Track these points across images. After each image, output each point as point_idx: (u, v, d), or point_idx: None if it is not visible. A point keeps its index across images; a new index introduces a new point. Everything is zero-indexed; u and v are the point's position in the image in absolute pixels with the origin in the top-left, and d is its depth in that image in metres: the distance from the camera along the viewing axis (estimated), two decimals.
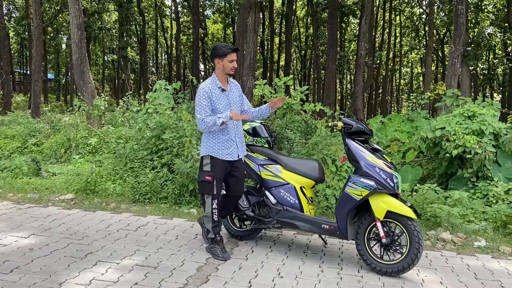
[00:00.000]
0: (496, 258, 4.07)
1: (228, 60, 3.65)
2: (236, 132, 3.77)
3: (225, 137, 3.69)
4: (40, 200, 5.70)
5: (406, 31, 33.02)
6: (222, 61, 3.66)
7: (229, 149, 3.70)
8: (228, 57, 3.65)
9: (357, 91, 16.82)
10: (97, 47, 36.00)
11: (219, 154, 3.67)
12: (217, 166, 3.68)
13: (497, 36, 22.57)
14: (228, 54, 3.64)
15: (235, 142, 3.74)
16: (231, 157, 3.71)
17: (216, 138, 3.68)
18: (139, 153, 6.62)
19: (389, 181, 3.44)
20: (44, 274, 3.19)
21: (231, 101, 3.77)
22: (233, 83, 3.91)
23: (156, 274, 3.28)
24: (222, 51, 3.64)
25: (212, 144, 3.69)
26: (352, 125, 3.63)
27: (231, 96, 3.79)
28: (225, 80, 3.78)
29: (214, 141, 3.69)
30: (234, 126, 3.75)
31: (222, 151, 3.68)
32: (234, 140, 3.73)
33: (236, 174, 3.82)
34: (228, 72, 3.71)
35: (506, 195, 5.34)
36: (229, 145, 3.70)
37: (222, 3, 28.41)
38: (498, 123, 6.20)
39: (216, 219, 3.73)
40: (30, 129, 10.03)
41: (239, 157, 3.79)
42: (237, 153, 3.76)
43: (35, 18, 17.20)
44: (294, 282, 3.26)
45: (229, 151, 3.70)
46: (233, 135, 3.73)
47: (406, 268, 3.37)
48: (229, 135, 3.70)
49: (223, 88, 3.73)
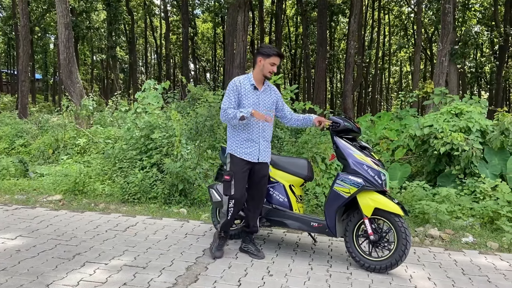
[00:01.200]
0: (483, 254, 4.12)
1: (270, 62, 3.61)
2: (261, 134, 3.68)
3: (246, 136, 3.63)
4: (28, 201, 5.64)
5: (395, 30, 33.23)
6: (264, 61, 3.62)
7: (249, 149, 3.63)
8: (272, 59, 3.61)
9: (347, 90, 16.88)
10: (86, 47, 35.65)
11: (237, 152, 3.63)
12: (237, 165, 3.61)
13: (484, 35, 22.84)
14: (272, 55, 3.61)
15: (257, 144, 3.65)
16: (250, 158, 3.62)
17: (237, 136, 3.65)
18: (128, 153, 6.58)
19: (377, 179, 3.46)
20: (31, 275, 3.15)
21: (261, 101, 3.68)
22: (271, 87, 3.84)
23: (145, 274, 3.26)
24: (268, 51, 3.62)
25: (232, 142, 3.67)
26: (340, 123, 3.64)
27: (263, 97, 3.70)
28: (261, 80, 3.72)
29: (236, 139, 3.66)
30: (260, 128, 3.66)
31: (241, 150, 3.62)
32: (257, 142, 3.65)
33: (257, 176, 3.70)
34: (265, 74, 3.65)
35: (493, 191, 5.41)
36: (249, 145, 3.63)
37: (211, 2, 28.32)
38: (485, 120, 6.28)
39: (229, 218, 3.66)
40: (17, 130, 9.92)
41: (259, 160, 3.66)
42: (257, 156, 3.65)
43: (22, 18, 16.97)
44: (283, 280, 3.27)
45: (249, 151, 3.62)
46: (256, 137, 3.65)
47: (394, 264, 3.40)
48: (251, 135, 3.63)
49: (256, 86, 3.67)
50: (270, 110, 3.75)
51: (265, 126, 3.71)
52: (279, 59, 3.64)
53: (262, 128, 3.68)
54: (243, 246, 3.87)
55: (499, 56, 22.63)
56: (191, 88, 8.82)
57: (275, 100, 3.82)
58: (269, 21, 32.69)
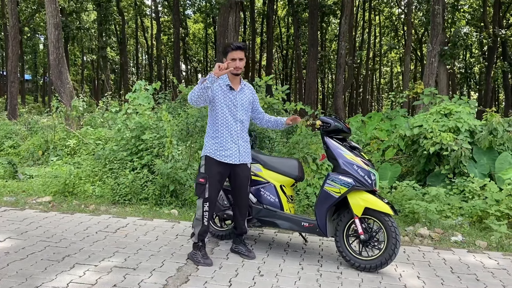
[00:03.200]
0: (471, 252, 4.17)
1: (230, 58, 3.43)
2: (240, 135, 3.58)
3: (224, 138, 3.52)
4: (17, 203, 5.58)
5: (386, 31, 33.48)
6: (226, 60, 3.46)
7: (228, 151, 3.51)
8: (230, 55, 3.44)
9: (338, 90, 16.96)
10: (76, 47, 35.38)
11: (216, 155, 3.51)
12: (212, 168, 3.50)
13: (473, 36, 23.08)
14: (229, 52, 3.43)
15: (237, 145, 3.55)
16: (231, 160, 3.52)
17: (216, 138, 3.53)
18: (118, 154, 6.54)
19: (367, 178, 3.48)
20: (20, 277, 3.13)
21: (238, 101, 3.58)
22: (247, 86, 3.73)
23: (135, 276, 3.25)
24: (225, 49, 3.47)
25: (210, 144, 3.55)
26: (330, 123, 3.66)
27: (240, 97, 3.60)
28: (236, 80, 3.59)
29: (213, 141, 3.54)
30: (238, 129, 3.57)
31: (220, 152, 3.50)
32: (236, 143, 3.55)
33: (239, 178, 3.62)
34: (232, 72, 3.46)
35: (481, 190, 5.47)
36: (228, 147, 3.51)
37: (203, 3, 28.28)
38: (473, 120, 6.35)
39: (205, 224, 3.52)
40: (6, 131, 9.82)
41: (240, 161, 3.57)
42: (238, 157, 3.55)
43: (11, 18, 16.80)
44: (274, 280, 3.27)
45: (228, 153, 3.51)
46: (236, 138, 3.55)
47: (384, 263, 3.42)
48: (231, 136, 3.53)
49: (232, 87, 3.56)
50: (247, 110, 3.67)
51: (243, 127, 3.62)
52: (238, 52, 3.43)
53: (240, 129, 3.59)
54: (234, 247, 3.87)
55: (488, 57, 22.90)
56: (182, 88, 8.80)
57: (251, 100, 3.74)
58: (260, 21, 32.74)
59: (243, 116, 3.61)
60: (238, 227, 3.81)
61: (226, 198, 4.10)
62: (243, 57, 3.49)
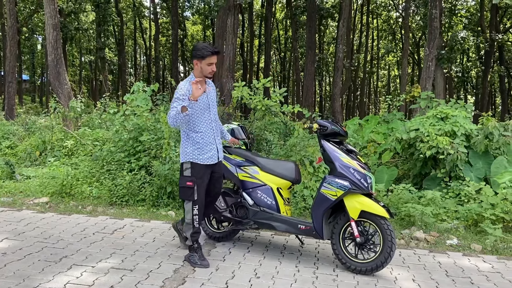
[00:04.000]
0: (466, 256, 4.20)
1: (207, 63, 3.51)
2: (216, 134, 3.70)
3: (204, 140, 3.59)
4: (14, 204, 5.58)
5: (383, 34, 33.61)
6: (201, 63, 3.52)
7: (210, 152, 3.61)
8: (207, 59, 3.50)
9: (335, 93, 17.02)
10: (74, 48, 35.36)
11: (199, 159, 3.57)
12: (199, 171, 3.57)
13: (470, 40, 23.20)
14: (207, 56, 3.49)
15: (215, 145, 3.66)
16: (212, 161, 3.63)
17: (195, 144, 3.57)
18: (116, 155, 6.55)
19: (363, 182, 3.51)
20: (17, 278, 3.14)
21: (209, 98, 3.67)
22: (211, 84, 3.79)
23: (132, 277, 3.27)
24: (201, 53, 3.49)
25: (191, 150, 3.59)
26: (327, 126, 3.69)
27: (210, 97, 3.70)
28: (203, 81, 3.60)
29: (194, 147, 3.58)
30: (213, 129, 3.67)
31: (203, 156, 3.58)
32: (214, 142, 3.65)
33: (215, 175, 3.75)
34: (207, 75, 3.57)
35: (477, 194, 5.51)
36: (209, 149, 3.61)
37: (201, 5, 28.33)
38: (470, 124, 6.38)
39: (196, 226, 3.59)
40: (3, 132, 9.80)
41: (219, 159, 3.72)
42: (217, 156, 3.68)
43: (9, 18, 16.80)
44: (270, 282, 3.30)
45: (210, 155, 3.61)
46: (213, 138, 3.65)
47: (379, 266, 3.45)
48: (208, 138, 3.61)
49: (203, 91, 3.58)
50: (216, 107, 3.78)
51: (216, 126, 3.75)
52: (215, 57, 3.54)
53: (215, 127, 3.72)
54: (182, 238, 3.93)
55: (485, 61, 23.02)
56: None
57: (215, 96, 3.85)
58: (258, 24, 32.80)
59: (215, 115, 3.75)
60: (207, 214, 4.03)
61: (224, 201, 4.12)
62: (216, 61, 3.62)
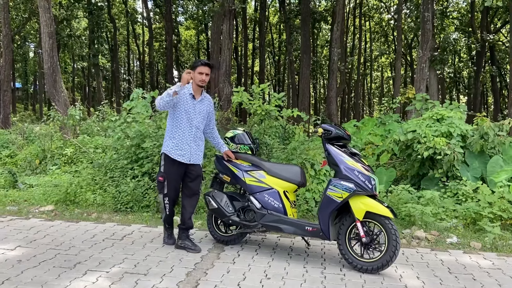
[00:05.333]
0: (467, 253, 4.33)
1: (197, 72, 4.00)
2: (193, 139, 4.08)
3: (181, 138, 4.02)
4: (20, 213, 5.64)
5: (376, 36, 33.93)
6: (194, 73, 4.01)
7: (182, 151, 4.02)
8: (198, 69, 4.00)
9: (331, 96, 17.20)
10: (66, 55, 35.30)
11: (172, 153, 4.02)
12: (170, 167, 4.04)
13: (461, 41, 23.53)
14: (197, 66, 4.02)
15: (189, 147, 4.05)
16: (182, 159, 4.02)
17: (174, 139, 4.03)
18: (119, 163, 6.62)
19: (367, 183, 3.63)
20: (35, 284, 3.21)
21: (197, 110, 4.09)
22: (207, 98, 4.23)
23: (147, 281, 3.35)
24: (194, 64, 4.07)
25: (168, 143, 4.05)
26: (332, 131, 3.81)
27: (199, 106, 4.11)
28: (198, 90, 4.11)
29: (172, 142, 4.04)
30: (192, 134, 4.07)
31: (175, 151, 4.01)
32: (189, 145, 4.04)
33: (190, 175, 4.12)
34: (197, 83, 4.03)
35: (474, 193, 5.65)
36: (182, 147, 4.02)
37: (195, 10, 28.44)
38: (465, 125, 6.55)
39: (168, 213, 4.17)
40: (2, 141, 9.83)
41: (190, 161, 4.06)
42: (189, 157, 4.06)
43: (4, 27, 16.79)
44: (281, 283, 3.40)
45: (182, 153, 4.02)
46: (189, 141, 4.04)
47: (385, 265, 3.56)
48: (185, 138, 4.03)
49: (194, 96, 4.07)
50: (203, 119, 4.17)
51: (197, 132, 4.12)
52: (206, 68, 4.02)
53: (194, 133, 4.09)
54: (180, 243, 4.20)
55: (477, 61, 23.35)
56: None
57: (208, 111, 4.23)
58: (252, 28, 32.98)
59: (198, 123, 4.13)
60: (186, 222, 4.17)
61: (231, 205, 4.22)
62: (209, 73, 4.07)
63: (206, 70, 4.02)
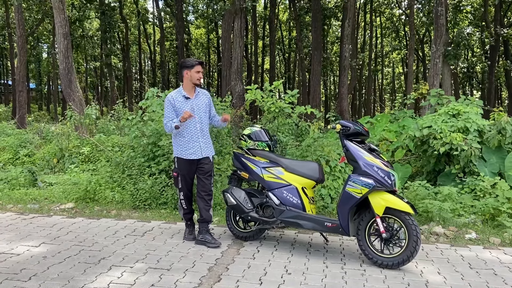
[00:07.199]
0: (487, 249, 4.32)
1: (195, 71, 4.20)
2: (200, 134, 4.25)
3: (186, 138, 4.20)
4: (41, 210, 5.76)
5: (387, 32, 33.67)
6: (190, 72, 4.20)
7: (192, 149, 4.21)
8: (195, 68, 4.20)
9: (342, 93, 17.14)
10: (79, 55, 35.70)
11: (183, 154, 4.23)
12: (182, 165, 4.25)
13: (475, 35, 23.26)
14: (194, 65, 4.20)
15: (198, 143, 4.23)
16: (195, 156, 4.22)
17: (179, 142, 4.24)
18: (136, 161, 6.71)
19: (387, 179, 3.65)
20: (62, 280, 3.30)
21: (195, 107, 4.26)
22: (202, 92, 4.41)
23: (171, 276, 3.42)
24: (190, 63, 4.23)
25: (177, 147, 4.27)
26: (350, 127, 3.83)
27: (196, 103, 4.27)
28: (192, 89, 4.30)
29: (178, 144, 4.25)
30: (198, 129, 4.24)
31: (186, 151, 4.22)
32: (197, 141, 4.23)
33: (202, 170, 4.26)
34: (195, 82, 4.24)
35: (492, 189, 5.61)
36: (191, 146, 4.21)
37: (204, 8, 28.54)
38: (481, 120, 6.49)
39: (185, 207, 4.39)
40: (21, 140, 10.00)
41: (202, 155, 4.24)
42: (200, 152, 4.24)
43: (18, 28, 17.04)
44: (302, 278, 3.44)
45: (192, 151, 4.21)
46: (196, 137, 4.22)
47: (406, 260, 3.58)
48: (193, 135, 4.21)
49: (188, 97, 4.24)
50: (205, 112, 4.35)
51: (202, 126, 4.29)
52: (201, 67, 4.24)
53: (200, 128, 4.26)
54: (200, 238, 4.28)
55: (490, 56, 23.03)
56: None
57: (207, 103, 4.40)
58: (262, 25, 32.97)
59: (202, 118, 4.30)
60: (204, 215, 4.28)
61: (250, 201, 4.27)
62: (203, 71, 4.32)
63: (201, 68, 4.22)
